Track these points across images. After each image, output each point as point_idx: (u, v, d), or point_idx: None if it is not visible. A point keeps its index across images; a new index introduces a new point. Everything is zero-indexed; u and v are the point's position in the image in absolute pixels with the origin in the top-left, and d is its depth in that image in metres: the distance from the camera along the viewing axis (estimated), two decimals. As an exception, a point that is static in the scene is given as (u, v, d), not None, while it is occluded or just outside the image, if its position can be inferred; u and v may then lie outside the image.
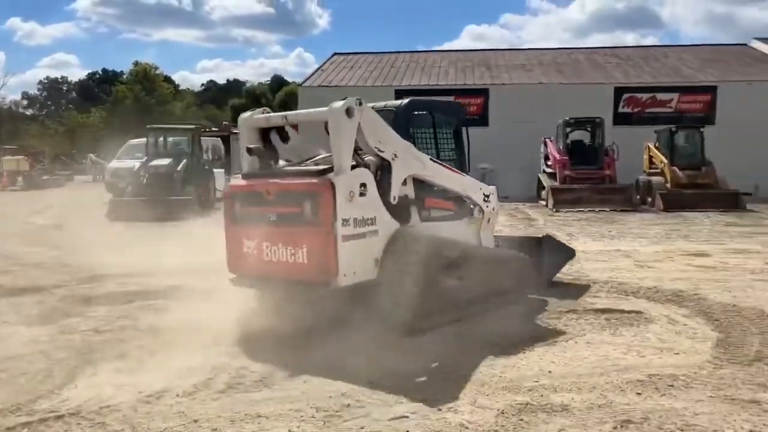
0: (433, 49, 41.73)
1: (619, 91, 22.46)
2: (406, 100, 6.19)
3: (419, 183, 5.73)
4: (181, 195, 15.61)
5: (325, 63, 28.09)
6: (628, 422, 3.44)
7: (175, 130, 19.03)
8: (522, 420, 3.51)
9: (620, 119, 21.90)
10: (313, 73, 26.52)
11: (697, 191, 16.52)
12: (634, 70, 24.66)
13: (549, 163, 18.73)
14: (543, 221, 14.19)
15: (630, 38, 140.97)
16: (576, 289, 6.86)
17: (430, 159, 5.85)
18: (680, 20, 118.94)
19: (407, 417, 3.59)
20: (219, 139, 29.58)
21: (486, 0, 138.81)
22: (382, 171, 5.38)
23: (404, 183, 5.56)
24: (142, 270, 8.16)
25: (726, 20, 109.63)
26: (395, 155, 5.37)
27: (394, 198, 5.37)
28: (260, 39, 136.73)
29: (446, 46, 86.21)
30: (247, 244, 5.39)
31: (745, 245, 10.18)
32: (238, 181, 5.70)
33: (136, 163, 17.21)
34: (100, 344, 5.12)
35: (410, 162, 5.55)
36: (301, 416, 3.63)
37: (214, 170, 19.40)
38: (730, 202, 16.04)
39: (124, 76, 69.84)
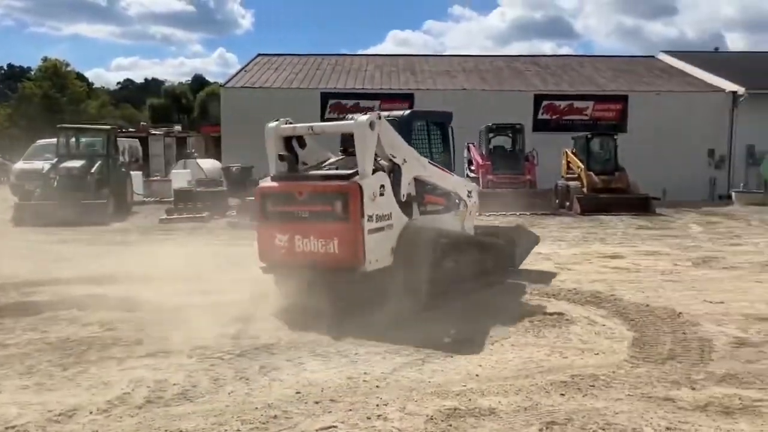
0: (358, 52, 41.82)
1: (538, 99, 23.19)
2: (407, 112, 7.33)
3: (419, 182, 6.66)
4: (95, 198, 14.89)
5: (248, 64, 27.57)
6: (553, 423, 3.51)
7: (89, 130, 18.17)
8: (451, 425, 3.51)
9: (539, 125, 22.62)
10: (236, 74, 25.97)
11: (612, 195, 17.26)
12: (553, 78, 25.56)
13: (472, 167, 19.08)
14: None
15: (547, 47, 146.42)
16: (500, 292, 6.98)
17: (429, 162, 6.84)
18: (593, 32, 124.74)
19: (336, 427, 3.53)
20: (137, 140, 28.51)
21: (409, 6, 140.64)
22: (394, 173, 6.29)
23: (409, 183, 6.50)
24: (50, 278, 7.69)
25: (635, 34, 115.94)
26: (405, 160, 6.35)
27: (404, 196, 6.33)
28: (180, 37, 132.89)
29: (371, 50, 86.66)
30: (279, 237, 6.12)
31: (655, 247, 10.71)
32: (267, 183, 6.50)
33: (46, 165, 16.29)
34: (4, 359, 4.76)
35: (415, 165, 6.53)
36: (226, 430, 3.49)
37: (132, 172, 18.65)
38: (642, 206, 16.86)
39: (32, 73, 65.99)
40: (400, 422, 3.57)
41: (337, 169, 6.42)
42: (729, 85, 23.10)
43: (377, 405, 3.80)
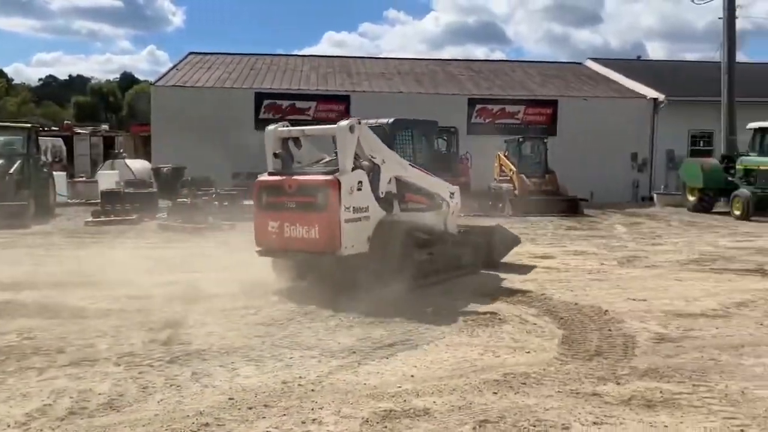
0: (293, 53, 41.43)
1: (472, 102, 23.63)
2: (391, 120, 8.27)
3: (401, 182, 7.58)
4: (15, 200, 14.14)
5: (180, 62, 26.88)
6: (486, 422, 3.56)
7: (8, 128, 17.26)
8: (386, 427, 3.51)
9: (473, 129, 23.05)
10: (167, 72, 25.25)
11: (542, 197, 17.77)
12: (486, 82, 26.10)
13: (407, 169, 19.24)
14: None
15: (480, 52, 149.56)
16: (435, 292, 7.06)
17: (410, 164, 7.78)
18: (524, 38, 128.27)
19: (270, 432, 3.47)
20: (60, 139, 27.30)
21: (345, 8, 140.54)
22: (374, 172, 7.13)
23: (389, 182, 7.37)
24: (-35, 285, 7.24)
25: (563, 41, 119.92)
26: (383, 161, 7.23)
27: (382, 193, 7.21)
28: (107, 33, 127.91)
29: (307, 51, 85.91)
30: (271, 224, 7.06)
31: (583, 247, 11.09)
32: (264, 177, 7.37)
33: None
34: None
35: (394, 166, 7.45)
36: (154, 440, 3.37)
37: (55, 173, 17.81)
38: (571, 207, 17.44)
39: (-55, 67, 62.15)
40: (335, 426, 3.55)
41: (326, 167, 7.24)
42: (650, 92, 24.22)
43: (312, 409, 3.76)
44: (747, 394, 4.01)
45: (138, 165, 23.00)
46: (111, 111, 64.03)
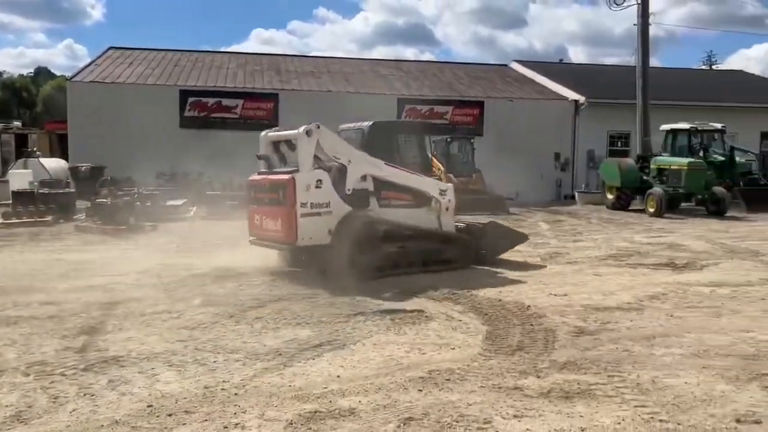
0: (220, 50, 40.49)
1: (401, 102, 23.83)
2: (370, 122, 9.28)
3: (379, 180, 8.20)
4: None
5: (99, 57, 25.80)
6: (410, 419, 3.59)
7: None
8: (311, 429, 3.48)
9: (403, 128, 23.24)
10: (84, 68, 24.19)
11: (469, 196, 18.09)
12: (415, 83, 26.37)
13: (338, 169, 19.22)
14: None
15: (410, 53, 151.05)
16: (364, 293, 7.06)
17: (386, 164, 8.31)
18: (452, 40, 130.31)
19: (190, 439, 3.37)
20: (-33, 136, 25.65)
21: (274, 5, 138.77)
22: (342, 172, 7.89)
23: (364, 179, 8.05)
24: None
25: (490, 43, 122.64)
26: (349, 161, 7.96)
27: (349, 190, 7.90)
28: (19, 25, 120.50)
29: (234, 48, 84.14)
30: (256, 217, 8.17)
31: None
32: (253, 176, 8.33)
33: None
34: None
35: (363, 165, 8.08)
36: (65, 453, 3.21)
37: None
38: (497, 206, 17.85)
39: None
40: (259, 429, 3.48)
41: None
42: (572, 94, 25.15)
43: (235, 413, 3.68)
44: (657, 382, 4.21)
45: (54, 164, 21.85)
46: (24, 107, 60.70)
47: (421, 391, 4.05)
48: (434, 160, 19.39)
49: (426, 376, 4.33)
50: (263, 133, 8.45)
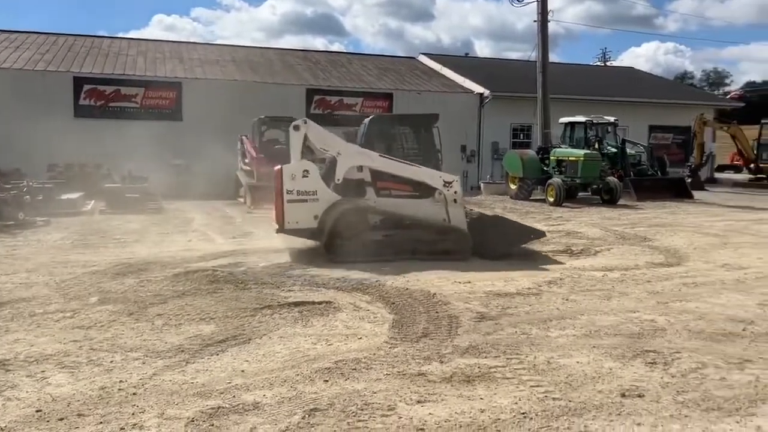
0: (118, 35, 38.55)
1: (310, 93, 23.64)
2: (369, 118, 9.59)
3: (375, 171, 8.72)
4: None
5: (-18, 40, 23.89)
6: (315, 410, 3.59)
7: None
8: (213, 425, 3.41)
9: (313, 119, 22.96)
10: (-35, 51, 22.32)
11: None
12: (323, 73, 26.22)
13: (246, 160, 18.81)
14: (241, 219, 14.20)
15: (319, 43, 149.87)
16: (272, 286, 6.98)
17: (379, 155, 8.82)
18: (361, 31, 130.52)
19: (83, 444, 3.22)
20: None
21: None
22: (333, 163, 8.61)
23: (361, 170, 8.68)
24: None
25: (398, 35, 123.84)
26: (339, 153, 8.63)
27: (339, 179, 8.59)
28: None
29: (133, 34, 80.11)
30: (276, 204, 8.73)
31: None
32: (277, 167, 8.77)
33: None
34: None
35: (353, 157, 8.68)
36: (-59, 466, 2.98)
37: None
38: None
39: None
40: (158, 429, 3.38)
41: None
42: (477, 87, 25.85)
43: (133, 414, 3.55)
44: (552, 363, 4.43)
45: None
46: None
47: (327, 381, 4.07)
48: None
49: (332, 366, 4.35)
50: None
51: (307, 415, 3.53)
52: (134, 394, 3.86)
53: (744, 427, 3.42)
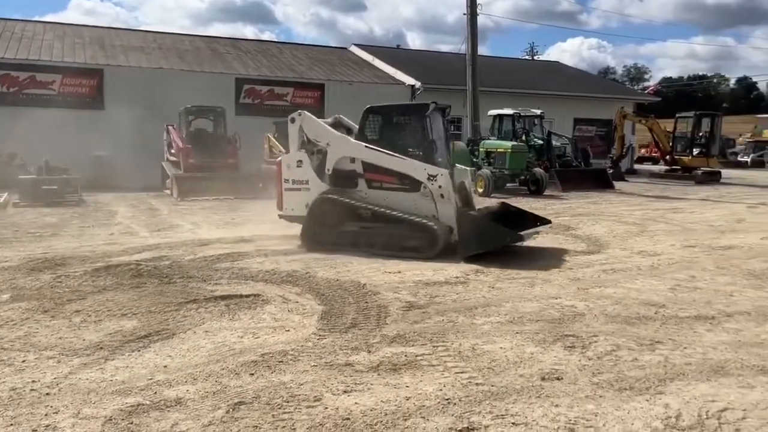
0: (33, 19, 36.50)
1: (240, 82, 23.15)
2: (366, 108, 9.19)
3: (368, 163, 8.72)
4: None
5: None
6: (240, 404, 3.55)
7: None
8: (132, 423, 3.31)
9: (242, 110, 22.63)
10: None
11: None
12: (253, 63, 25.73)
13: (172, 151, 18.26)
14: (167, 211, 13.79)
15: (249, 31, 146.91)
16: (198, 280, 6.82)
17: (366, 146, 8.74)
18: (292, 20, 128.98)
19: (-10, 448, 3.06)
20: None
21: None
22: (325, 154, 8.92)
23: (353, 162, 8.82)
24: None
25: (330, 25, 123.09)
26: (328, 144, 8.92)
27: (329, 170, 8.86)
28: None
29: (50, 18, 76.14)
30: None
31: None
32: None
33: None
34: None
35: (342, 148, 8.86)
36: None
37: None
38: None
39: None
40: (73, 429, 3.25)
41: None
42: (408, 79, 26.00)
43: (46, 414, 3.40)
44: (476, 349, 4.54)
45: None
46: None
47: (252, 375, 4.02)
48: (275, 142, 19.22)
49: (259, 359, 4.30)
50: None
51: (231, 409, 3.47)
52: (48, 394, 3.70)
53: (653, 405, 3.61)
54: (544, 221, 9.40)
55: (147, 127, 18.84)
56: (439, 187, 8.39)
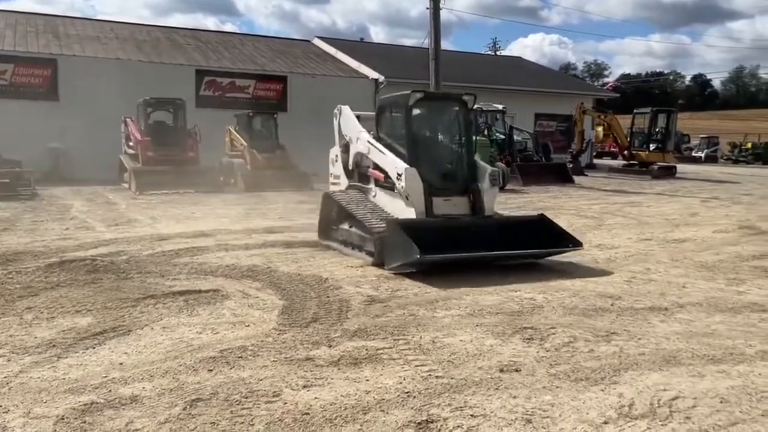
0: (-15, 6, 35.23)
1: (200, 74, 22.79)
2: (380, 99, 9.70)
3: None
4: None
5: None
6: (198, 400, 3.49)
7: None
8: (85, 422, 3.23)
9: (202, 102, 22.28)
10: None
11: (274, 172, 17.97)
12: (214, 54, 25.34)
13: (131, 143, 17.88)
14: (125, 205, 13.50)
15: (210, 22, 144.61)
16: (156, 275, 6.70)
17: (368, 140, 8.42)
18: (254, 12, 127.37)
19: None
20: None
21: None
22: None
23: (366, 157, 8.58)
24: None
25: (293, 17, 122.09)
26: (350, 139, 8.94)
27: (350, 166, 8.91)
28: None
29: (2, 6, 73.56)
30: None
31: (312, 220, 11.44)
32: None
33: None
34: None
35: (359, 145, 8.65)
36: None
37: None
38: (302, 182, 17.93)
39: None
40: (24, 429, 3.15)
41: None
42: (372, 73, 25.97)
43: (-6, 415, 3.29)
44: (437, 342, 4.57)
45: None
46: None
47: (211, 371, 3.96)
48: (236, 135, 19.00)
49: (217, 355, 4.24)
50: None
51: (188, 406, 3.42)
52: (-3, 393, 3.58)
53: (608, 394, 3.69)
54: (577, 243, 7.58)
55: (104, 119, 18.40)
56: (402, 187, 7.50)
